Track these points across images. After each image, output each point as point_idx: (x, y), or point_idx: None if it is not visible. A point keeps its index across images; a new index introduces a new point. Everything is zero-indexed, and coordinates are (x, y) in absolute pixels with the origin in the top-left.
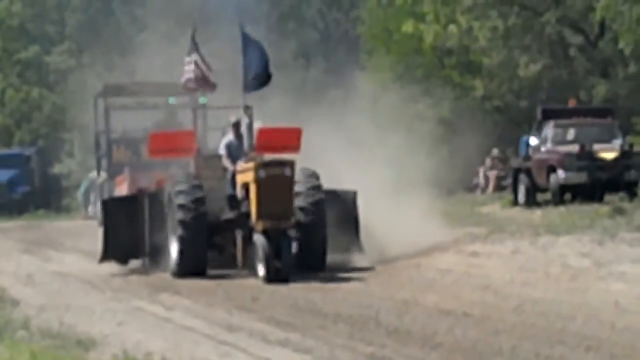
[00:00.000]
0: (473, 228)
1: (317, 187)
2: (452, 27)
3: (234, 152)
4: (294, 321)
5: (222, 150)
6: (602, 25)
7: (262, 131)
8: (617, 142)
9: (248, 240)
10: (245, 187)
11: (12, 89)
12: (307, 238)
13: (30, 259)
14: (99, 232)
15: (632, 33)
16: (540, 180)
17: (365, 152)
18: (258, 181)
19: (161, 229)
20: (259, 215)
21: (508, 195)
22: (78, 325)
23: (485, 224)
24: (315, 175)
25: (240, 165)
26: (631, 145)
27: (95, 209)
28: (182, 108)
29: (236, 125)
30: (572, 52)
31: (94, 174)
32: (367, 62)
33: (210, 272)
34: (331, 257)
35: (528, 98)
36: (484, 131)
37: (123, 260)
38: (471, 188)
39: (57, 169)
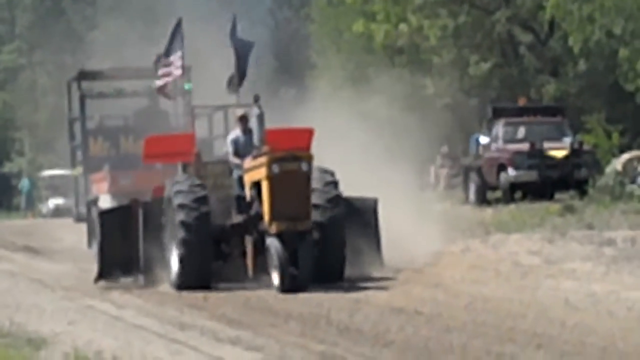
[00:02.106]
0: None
1: (333, 184)
2: (403, 26)
3: (242, 149)
4: (245, 319)
5: (228, 147)
6: (552, 24)
7: (270, 132)
8: (567, 141)
9: (259, 247)
10: (256, 186)
11: None
12: (324, 240)
13: None
14: (75, 229)
15: (582, 31)
16: (490, 178)
17: (317, 152)
18: (271, 178)
19: (158, 241)
20: (273, 217)
21: (459, 193)
22: (29, 324)
23: (436, 222)
24: (329, 172)
25: (249, 162)
26: (581, 144)
27: (67, 205)
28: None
29: (243, 119)
30: (522, 50)
31: (45, 172)
32: (317, 61)
33: (217, 284)
34: (348, 271)
35: (478, 96)
36: (435, 129)
37: (117, 277)
38: (422, 186)
39: (7, 167)
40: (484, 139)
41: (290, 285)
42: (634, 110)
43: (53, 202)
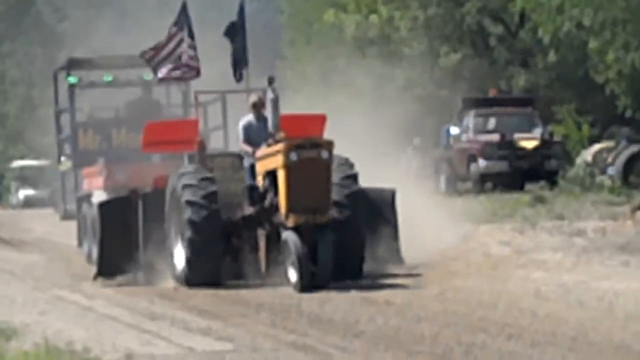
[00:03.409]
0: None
1: (353, 177)
2: (373, 17)
3: (254, 136)
4: (216, 310)
5: (239, 133)
6: (522, 16)
7: (283, 118)
8: (538, 132)
9: (273, 241)
10: (270, 175)
11: None
12: (343, 238)
13: None
14: (45, 220)
15: (552, 23)
16: (461, 169)
17: None
18: (289, 166)
19: (158, 235)
20: (290, 208)
21: (430, 184)
22: None
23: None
24: (348, 163)
25: (262, 150)
26: (551, 135)
27: (54, 200)
28: (159, 85)
29: (256, 106)
30: (493, 42)
31: (14, 163)
32: (287, 52)
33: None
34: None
35: (449, 88)
36: (406, 121)
37: (116, 274)
38: (394, 178)
39: None
40: (454, 130)
41: (308, 283)
42: (603, 102)
43: (23, 192)
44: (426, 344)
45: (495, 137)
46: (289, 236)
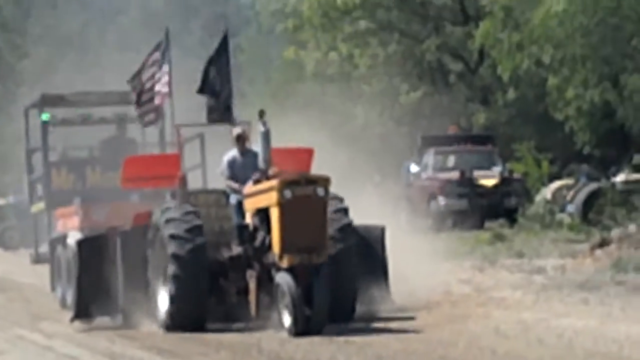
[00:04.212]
0: None
1: (343, 211)
2: (333, 55)
3: (239, 172)
4: (176, 349)
5: (223, 169)
6: (482, 53)
7: (272, 151)
8: (497, 169)
9: (264, 282)
10: (260, 213)
11: None
12: (334, 274)
13: None
14: (4, 258)
15: (511, 60)
16: (421, 206)
17: None
18: (283, 204)
19: (138, 275)
20: (284, 249)
21: (390, 221)
22: None
23: None
24: (338, 197)
25: (250, 186)
26: (511, 172)
27: (37, 246)
28: (133, 122)
29: (240, 138)
30: (452, 79)
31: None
32: (247, 90)
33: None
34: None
35: (409, 125)
36: (366, 158)
37: (93, 316)
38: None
39: None
40: (414, 168)
41: (303, 328)
42: (563, 139)
43: None
44: None
45: (454, 174)
46: (282, 278)
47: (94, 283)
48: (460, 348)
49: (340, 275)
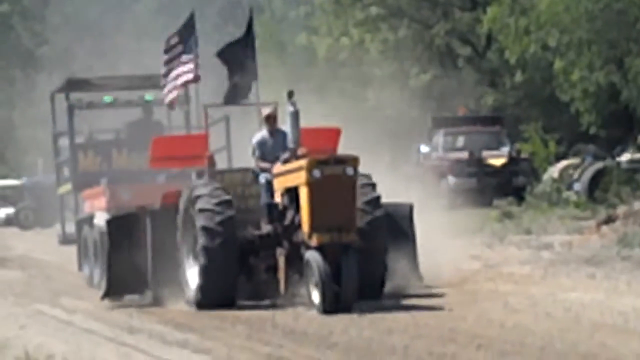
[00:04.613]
0: None
1: (371, 186)
2: (344, 40)
3: (269, 152)
4: (192, 323)
5: (253, 149)
6: (489, 37)
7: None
8: (505, 149)
9: (293, 260)
10: (289, 192)
11: None
12: (365, 264)
13: None
14: (25, 237)
15: (518, 44)
16: (431, 186)
17: None
18: (312, 184)
19: (167, 254)
20: (314, 227)
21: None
22: None
23: None
24: (365, 174)
25: (279, 166)
26: (518, 152)
27: (62, 226)
28: (160, 105)
29: (270, 118)
30: (461, 62)
31: (30, 178)
32: (261, 75)
33: (243, 302)
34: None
35: (419, 107)
36: (377, 140)
37: (123, 294)
38: None
39: None
40: (424, 149)
41: (332, 305)
42: (569, 120)
43: (4, 211)
44: (397, 354)
45: (464, 155)
46: (312, 256)
47: (124, 261)
48: (469, 321)
49: (369, 249)
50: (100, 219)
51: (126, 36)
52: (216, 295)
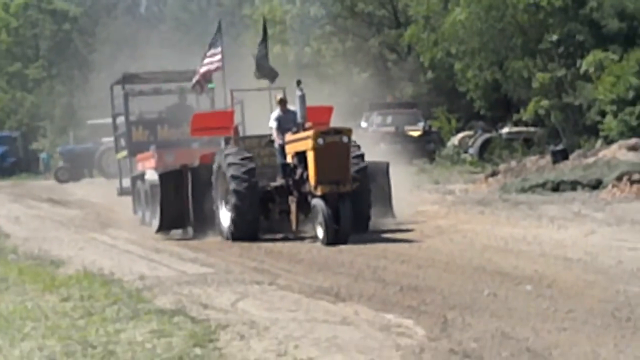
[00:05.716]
0: None
1: (361, 157)
2: (307, 49)
3: (283, 125)
4: (201, 246)
5: (272, 124)
6: (409, 47)
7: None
8: (421, 125)
9: (302, 206)
10: (299, 155)
11: (2, 92)
12: (354, 203)
13: (17, 206)
14: (83, 187)
15: (429, 52)
16: (369, 151)
17: None
18: (317, 148)
19: (204, 200)
20: (318, 181)
21: None
22: (51, 250)
23: None
24: (356, 145)
25: (290, 136)
26: (430, 127)
27: (119, 181)
28: (192, 93)
29: (282, 102)
30: (389, 65)
31: (59, 148)
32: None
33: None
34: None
35: (360, 96)
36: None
37: (171, 229)
38: None
39: (34, 146)
40: (364, 124)
41: (333, 239)
42: (465, 104)
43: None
44: (345, 267)
45: (391, 129)
46: (317, 202)
47: (172, 205)
48: (395, 243)
49: (358, 202)
50: (151, 176)
51: (153, 46)
52: (244, 229)
